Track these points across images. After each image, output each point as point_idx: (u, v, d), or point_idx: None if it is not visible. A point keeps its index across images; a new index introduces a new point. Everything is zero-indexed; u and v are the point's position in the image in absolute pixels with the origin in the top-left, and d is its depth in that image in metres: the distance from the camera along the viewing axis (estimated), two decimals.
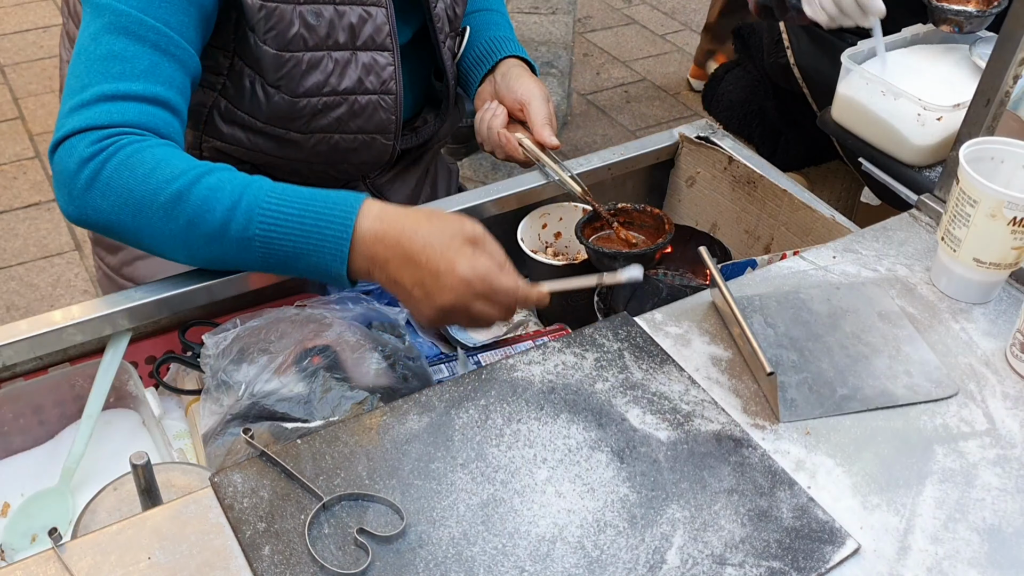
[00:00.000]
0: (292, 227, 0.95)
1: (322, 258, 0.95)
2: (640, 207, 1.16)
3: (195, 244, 0.97)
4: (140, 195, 0.95)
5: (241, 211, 0.94)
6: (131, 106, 0.98)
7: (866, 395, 0.90)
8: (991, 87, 1.03)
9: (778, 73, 1.88)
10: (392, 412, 0.86)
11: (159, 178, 0.95)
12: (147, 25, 0.98)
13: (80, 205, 0.98)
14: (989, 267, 0.98)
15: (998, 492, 0.82)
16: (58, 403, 1.04)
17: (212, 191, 0.95)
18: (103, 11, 0.98)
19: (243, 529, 0.76)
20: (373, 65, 1.15)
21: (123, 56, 0.98)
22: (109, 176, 0.96)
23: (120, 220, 0.97)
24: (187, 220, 0.95)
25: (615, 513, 0.79)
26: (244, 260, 0.97)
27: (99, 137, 0.97)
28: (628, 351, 0.94)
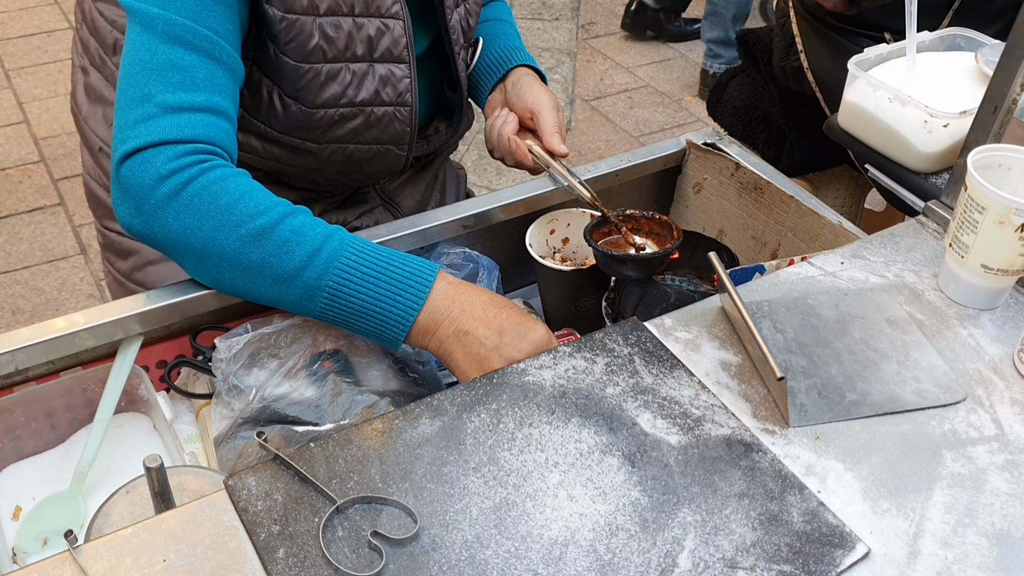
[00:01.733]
0: (367, 286, 0.96)
1: (387, 320, 0.97)
2: (648, 214, 1.17)
3: (262, 281, 0.97)
4: (219, 223, 0.96)
5: (320, 260, 0.95)
6: (197, 118, 0.99)
7: (875, 400, 0.91)
8: (999, 94, 1.04)
9: (790, 76, 1.89)
10: (404, 416, 0.87)
11: (243, 211, 0.96)
12: (200, 34, 0.99)
13: (149, 220, 0.98)
14: (997, 273, 0.98)
15: (1007, 497, 0.83)
16: (70, 407, 1.04)
17: (295, 234, 0.96)
18: (155, 21, 0.98)
19: (257, 532, 0.76)
20: (390, 77, 1.16)
21: (181, 66, 0.99)
22: (190, 198, 0.96)
23: (188, 243, 0.97)
24: (263, 257, 0.96)
25: (627, 517, 0.79)
26: (303, 306, 0.98)
27: (177, 153, 0.97)
28: (638, 356, 0.94)
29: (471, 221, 1.20)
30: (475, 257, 1.23)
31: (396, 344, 0.98)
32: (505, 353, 0.96)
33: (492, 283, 1.24)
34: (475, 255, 1.23)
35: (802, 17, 1.81)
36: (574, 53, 3.78)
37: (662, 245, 1.16)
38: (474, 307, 0.98)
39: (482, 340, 0.96)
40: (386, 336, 0.98)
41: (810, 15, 1.79)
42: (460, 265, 1.22)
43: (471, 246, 1.23)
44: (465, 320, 0.97)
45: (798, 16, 1.83)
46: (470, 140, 3.05)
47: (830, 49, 1.65)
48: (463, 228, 1.21)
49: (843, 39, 1.68)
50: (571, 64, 3.69)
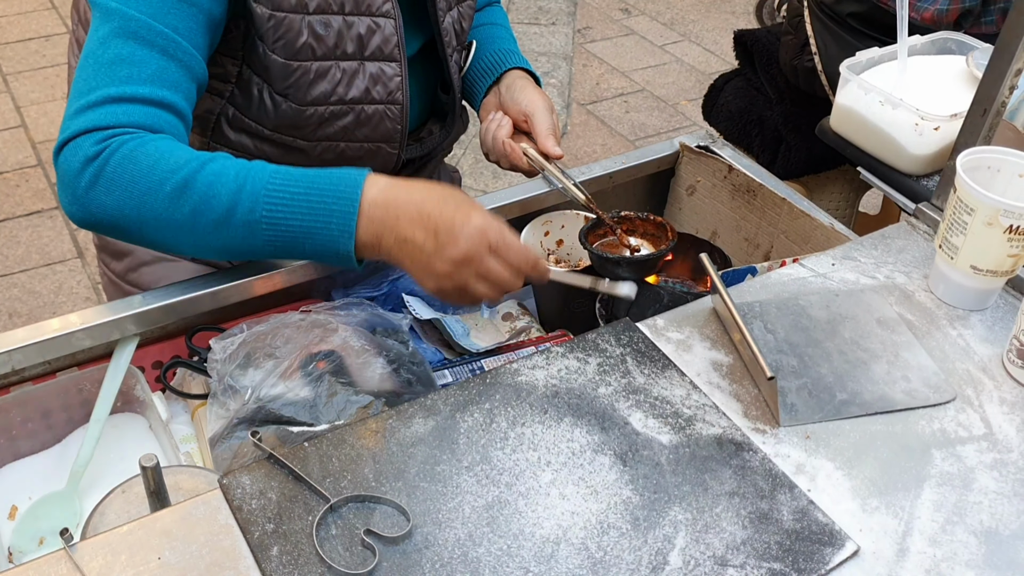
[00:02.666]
0: (298, 205, 0.95)
1: (330, 234, 0.95)
2: (643, 215, 1.18)
3: (201, 232, 0.97)
4: (145, 187, 0.96)
5: (246, 194, 0.95)
6: (136, 108, 0.99)
7: (865, 400, 0.92)
8: (987, 97, 1.05)
9: (801, 76, 1.89)
10: (398, 416, 0.88)
11: (163, 169, 0.96)
12: (155, 30, 0.99)
13: (84, 204, 0.98)
14: (986, 274, 0.99)
15: (995, 495, 0.84)
16: (66, 407, 1.05)
17: (216, 176, 0.96)
18: (112, 16, 0.99)
19: (252, 530, 0.77)
20: (380, 75, 1.16)
21: (131, 60, 0.99)
22: (113, 171, 0.96)
23: (125, 215, 0.97)
24: (192, 208, 0.96)
25: (618, 515, 0.80)
26: (251, 246, 0.98)
27: (103, 136, 0.97)
28: (630, 356, 0.95)
29: None
30: None
31: (349, 258, 0.96)
32: (445, 255, 0.93)
33: None
34: None
35: (816, 19, 1.82)
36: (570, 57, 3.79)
37: (657, 246, 1.17)
38: (408, 210, 0.95)
39: (420, 246, 0.94)
40: (339, 254, 0.96)
41: (827, 17, 1.80)
42: None
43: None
44: (402, 226, 0.95)
45: (812, 17, 1.84)
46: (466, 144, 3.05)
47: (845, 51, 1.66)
48: None
49: (858, 41, 1.69)
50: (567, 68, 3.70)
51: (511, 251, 0.96)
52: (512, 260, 0.96)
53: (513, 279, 0.98)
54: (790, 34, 1.93)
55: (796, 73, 1.90)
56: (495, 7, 1.45)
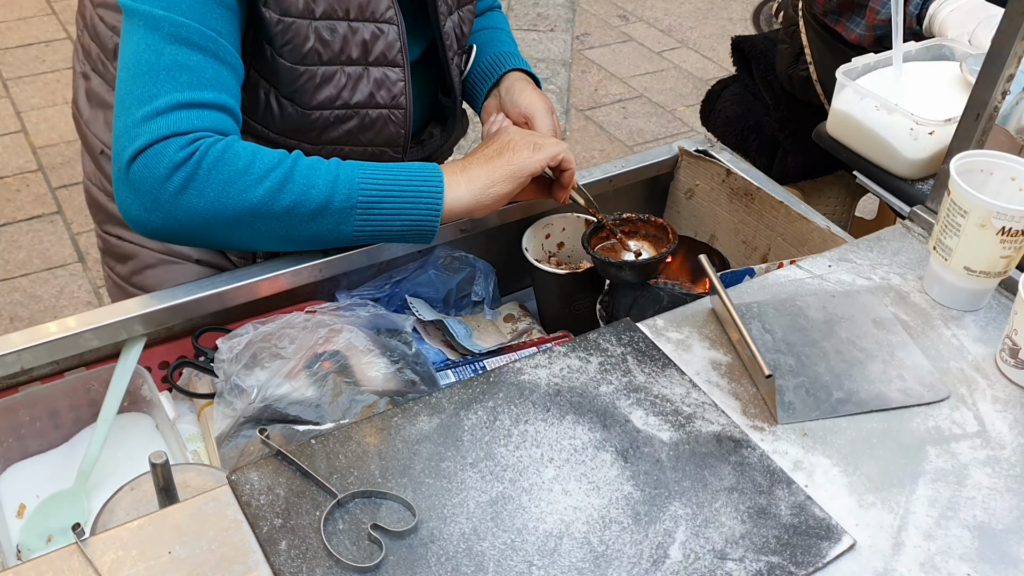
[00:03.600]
0: (391, 188, 1.06)
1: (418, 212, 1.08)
2: (644, 217, 1.19)
3: (298, 222, 1.05)
4: (243, 185, 1.02)
5: (342, 183, 1.05)
6: (207, 113, 1.03)
7: (861, 398, 0.93)
8: (980, 102, 1.06)
9: (797, 85, 1.91)
10: (403, 413, 0.89)
11: (260, 167, 1.03)
12: (206, 35, 1.02)
13: (169, 210, 1.01)
14: (979, 275, 1.01)
15: (988, 491, 0.85)
16: (74, 407, 1.06)
17: (311, 170, 1.05)
18: (161, 23, 1.01)
19: (260, 525, 0.78)
20: (384, 80, 1.18)
21: (189, 66, 1.02)
22: (207, 173, 1.01)
23: (219, 215, 1.02)
24: (293, 200, 1.03)
25: (619, 510, 0.81)
26: (340, 232, 1.07)
27: (187, 141, 1.00)
28: (631, 355, 0.97)
29: (468, 225, 1.23)
30: (472, 261, 1.25)
31: (430, 236, 1.10)
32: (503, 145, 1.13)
33: (489, 286, 1.27)
34: (472, 259, 1.25)
35: (812, 28, 1.84)
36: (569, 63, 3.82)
37: (658, 247, 1.19)
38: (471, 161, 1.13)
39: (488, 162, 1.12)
40: (422, 231, 1.09)
41: (820, 27, 1.82)
42: (457, 268, 1.25)
43: (468, 250, 1.26)
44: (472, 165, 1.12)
45: (808, 27, 1.86)
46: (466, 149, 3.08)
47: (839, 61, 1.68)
48: (460, 232, 1.23)
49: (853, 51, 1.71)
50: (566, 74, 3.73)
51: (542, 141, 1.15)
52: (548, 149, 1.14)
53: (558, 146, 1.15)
54: (785, 43, 1.95)
55: (792, 82, 1.92)
56: (496, 12, 1.47)
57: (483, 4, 1.45)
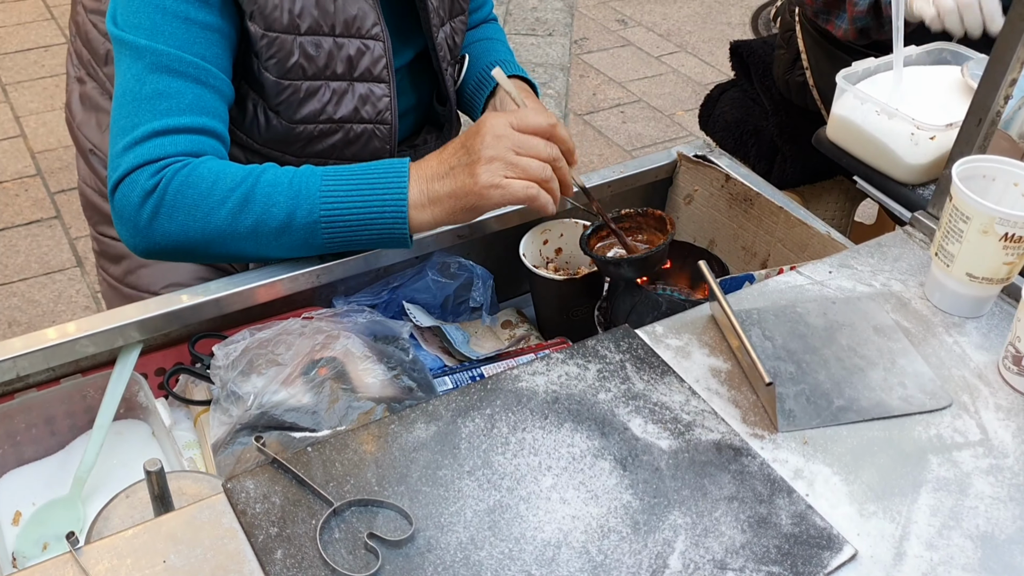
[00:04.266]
0: (352, 201, 1.04)
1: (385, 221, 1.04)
2: (642, 210, 1.18)
3: (264, 240, 1.05)
4: (206, 209, 1.03)
5: (303, 199, 1.03)
6: (181, 138, 1.05)
7: (862, 406, 0.93)
8: (983, 107, 1.06)
9: (793, 90, 1.91)
10: (400, 421, 0.88)
11: (221, 188, 1.03)
12: (186, 61, 1.04)
13: (147, 235, 1.05)
14: (982, 282, 1.00)
15: (991, 500, 0.84)
16: (70, 414, 1.06)
17: (272, 187, 1.03)
18: (143, 53, 1.04)
19: (256, 534, 0.77)
20: (369, 96, 1.19)
21: (168, 93, 1.04)
22: (172, 199, 1.03)
23: (189, 237, 1.04)
24: (254, 220, 1.03)
25: (618, 519, 0.80)
26: (312, 245, 1.06)
27: (156, 169, 1.03)
28: (630, 362, 0.96)
29: (465, 231, 1.22)
30: (469, 267, 1.24)
31: (405, 241, 1.06)
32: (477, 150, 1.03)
33: (487, 292, 1.26)
34: (469, 264, 1.24)
35: (808, 34, 1.84)
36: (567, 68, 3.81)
37: (659, 239, 1.18)
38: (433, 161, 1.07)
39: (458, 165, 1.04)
40: (393, 235, 1.06)
41: (816, 33, 1.82)
42: (455, 274, 1.24)
43: (466, 256, 1.25)
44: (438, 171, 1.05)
45: (804, 32, 1.85)
46: None
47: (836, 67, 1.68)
48: (457, 238, 1.22)
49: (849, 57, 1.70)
50: (564, 79, 3.72)
51: (527, 113, 1.06)
52: (531, 117, 1.05)
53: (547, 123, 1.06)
54: (783, 49, 1.95)
55: (788, 87, 1.92)
56: (492, 24, 1.47)
57: (479, 16, 1.45)
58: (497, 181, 1.02)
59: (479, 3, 1.45)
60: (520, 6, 4.20)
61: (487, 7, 1.48)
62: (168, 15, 1.03)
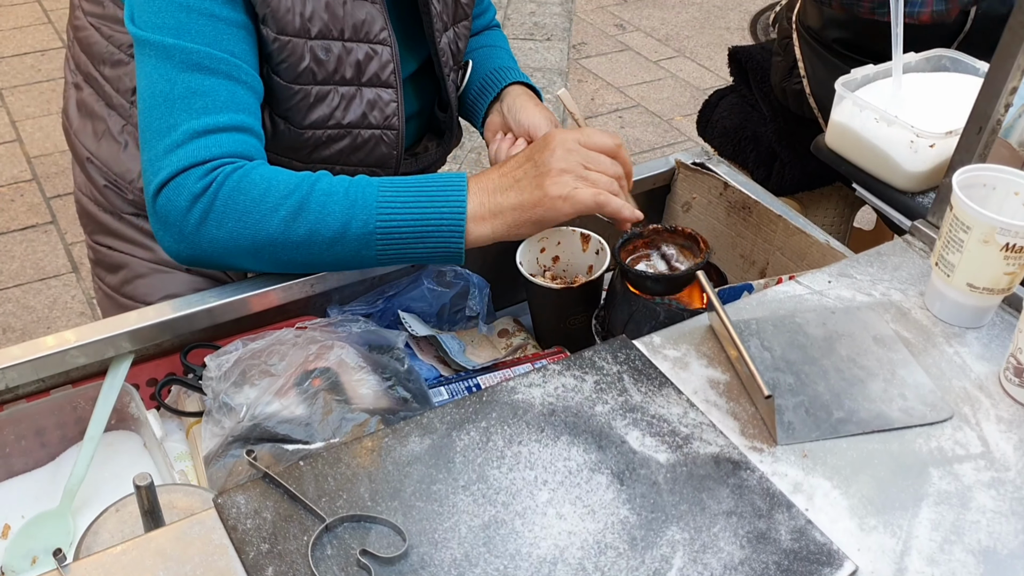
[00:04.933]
0: (410, 213, 1.02)
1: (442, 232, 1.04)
2: (671, 227, 1.15)
3: (318, 249, 1.03)
4: (259, 215, 1.01)
5: (359, 209, 1.01)
6: (224, 137, 1.02)
7: (862, 418, 0.91)
8: (983, 115, 1.05)
9: (790, 98, 1.90)
10: (394, 434, 0.87)
11: (275, 195, 1.01)
12: (217, 58, 1.02)
13: (194, 241, 1.02)
14: (982, 292, 0.99)
15: (993, 514, 0.83)
16: (60, 425, 1.04)
17: (327, 196, 1.02)
18: (172, 52, 1.01)
19: (246, 550, 0.76)
20: (377, 101, 1.18)
21: (202, 91, 1.02)
22: (224, 204, 1.00)
23: (239, 244, 1.02)
24: (308, 229, 1.01)
25: (615, 535, 0.79)
26: (363, 257, 1.05)
27: (205, 171, 1.01)
28: (627, 374, 0.95)
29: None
30: (466, 275, 1.23)
31: (459, 256, 1.06)
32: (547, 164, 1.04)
33: (483, 301, 1.25)
34: (466, 273, 1.23)
35: (805, 41, 1.83)
36: (566, 73, 3.80)
37: (689, 257, 1.15)
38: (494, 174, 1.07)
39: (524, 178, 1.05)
40: (449, 249, 1.05)
41: (814, 40, 1.81)
42: (451, 283, 1.23)
43: (462, 264, 1.24)
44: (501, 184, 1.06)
45: (801, 40, 1.85)
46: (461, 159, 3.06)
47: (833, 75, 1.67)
48: None
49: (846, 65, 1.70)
50: (563, 84, 3.71)
51: (593, 131, 1.08)
52: (598, 136, 1.07)
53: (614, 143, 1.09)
54: (780, 56, 1.94)
55: (785, 94, 1.91)
56: (494, 31, 1.47)
57: (481, 23, 1.45)
58: (566, 193, 1.04)
59: (481, 10, 1.44)
60: (519, 11, 4.20)
61: (489, 13, 1.48)
62: (193, 13, 1.01)
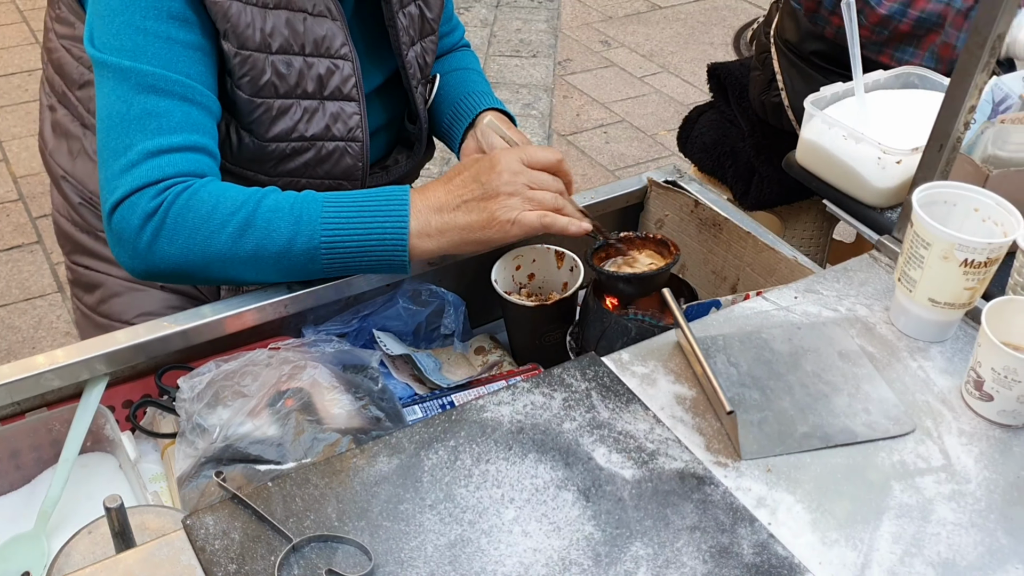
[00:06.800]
0: (353, 228, 1.05)
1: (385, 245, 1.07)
2: (642, 234, 1.19)
3: (265, 264, 1.06)
4: (207, 233, 1.04)
5: (304, 224, 1.05)
6: (177, 157, 1.05)
7: (826, 432, 0.93)
8: (943, 133, 1.07)
9: (769, 111, 1.93)
10: (362, 454, 0.88)
11: (222, 212, 1.04)
12: (172, 80, 1.05)
13: (147, 258, 1.05)
14: (944, 307, 1.01)
15: (953, 526, 0.85)
16: (35, 447, 1.05)
17: (273, 212, 1.05)
18: (128, 74, 1.04)
19: (214, 571, 0.77)
20: (340, 113, 1.20)
21: (157, 112, 1.04)
22: (173, 223, 1.03)
23: (189, 260, 1.05)
24: (255, 244, 1.04)
25: (580, 551, 0.80)
26: (309, 270, 1.08)
27: (158, 191, 1.03)
28: (595, 391, 0.96)
29: (436, 259, 1.22)
30: (441, 294, 1.24)
31: (404, 268, 1.09)
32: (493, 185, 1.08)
33: (459, 319, 1.26)
34: (441, 292, 1.24)
35: (783, 55, 1.86)
36: (551, 89, 3.83)
37: (660, 261, 1.18)
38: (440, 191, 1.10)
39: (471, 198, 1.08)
40: (392, 262, 1.08)
41: (792, 54, 1.83)
42: (426, 302, 1.24)
43: (437, 283, 1.25)
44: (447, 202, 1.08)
45: (779, 54, 1.87)
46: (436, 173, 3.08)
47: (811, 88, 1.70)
48: (428, 265, 1.23)
49: (823, 78, 1.72)
50: (548, 100, 3.74)
51: (535, 150, 1.13)
52: (540, 153, 1.13)
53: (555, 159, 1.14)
54: (758, 70, 1.96)
55: (764, 108, 1.94)
56: (464, 51, 1.49)
57: (450, 41, 1.47)
58: (514, 217, 1.08)
59: (449, 28, 1.46)
60: (504, 28, 4.22)
61: (458, 32, 1.49)
62: (150, 35, 1.04)
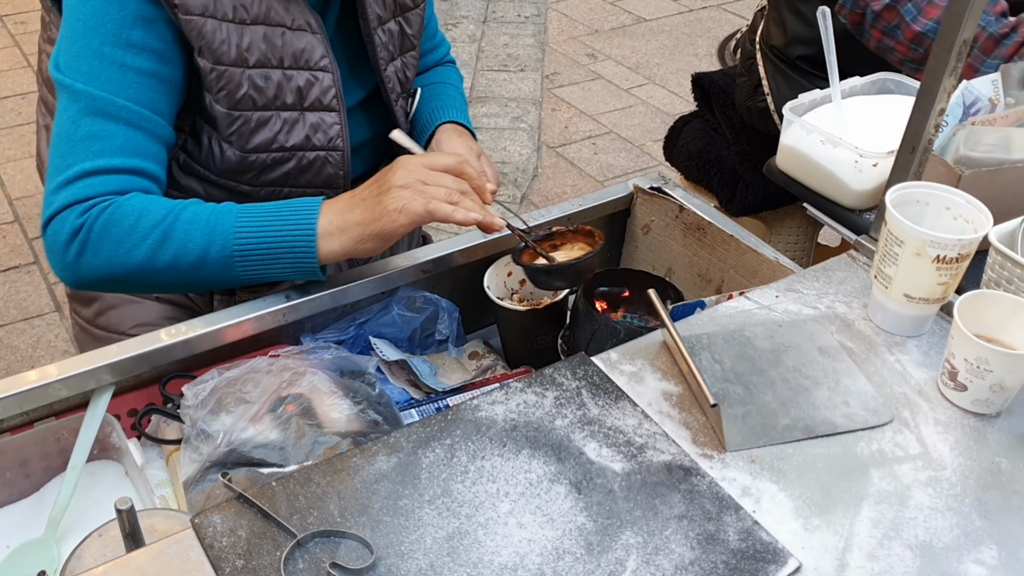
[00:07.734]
0: (264, 238, 1.09)
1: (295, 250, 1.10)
2: (573, 227, 1.24)
3: (184, 273, 1.10)
4: (128, 246, 1.08)
5: (218, 235, 1.09)
6: (110, 178, 1.10)
7: (807, 424, 0.97)
8: (915, 136, 1.11)
9: (756, 116, 1.97)
10: (362, 454, 0.92)
11: (143, 226, 1.08)
12: (119, 105, 1.09)
13: (75, 270, 1.11)
14: (919, 302, 1.05)
15: (929, 511, 0.88)
16: (43, 456, 1.08)
17: (190, 224, 1.09)
18: (79, 97, 1.09)
19: (223, 567, 0.80)
20: (320, 124, 1.23)
21: (100, 135, 1.09)
22: (98, 236, 1.08)
23: (114, 272, 1.10)
24: (173, 255, 1.09)
25: (573, 541, 0.84)
26: (227, 277, 1.12)
27: (83, 209, 1.08)
28: (585, 389, 1.00)
29: (429, 266, 1.26)
30: (435, 300, 1.28)
31: (316, 272, 1.12)
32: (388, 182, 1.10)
33: (453, 325, 1.29)
34: (435, 298, 1.28)
35: (769, 60, 1.91)
36: (539, 102, 3.88)
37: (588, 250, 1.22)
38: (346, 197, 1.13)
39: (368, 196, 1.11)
40: (304, 266, 1.11)
41: (778, 59, 1.88)
42: (420, 308, 1.28)
43: (431, 290, 1.29)
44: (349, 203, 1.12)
45: (765, 59, 1.92)
46: None
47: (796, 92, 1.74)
48: (422, 273, 1.26)
49: (809, 83, 1.77)
50: (537, 113, 3.79)
51: (436, 155, 1.16)
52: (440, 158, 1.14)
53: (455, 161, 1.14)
54: (744, 76, 2.01)
55: (751, 113, 1.98)
56: (446, 67, 1.52)
57: (434, 57, 1.50)
58: (400, 206, 1.09)
59: (432, 45, 1.50)
60: (492, 43, 4.28)
61: (443, 48, 1.53)
62: (105, 61, 1.08)
